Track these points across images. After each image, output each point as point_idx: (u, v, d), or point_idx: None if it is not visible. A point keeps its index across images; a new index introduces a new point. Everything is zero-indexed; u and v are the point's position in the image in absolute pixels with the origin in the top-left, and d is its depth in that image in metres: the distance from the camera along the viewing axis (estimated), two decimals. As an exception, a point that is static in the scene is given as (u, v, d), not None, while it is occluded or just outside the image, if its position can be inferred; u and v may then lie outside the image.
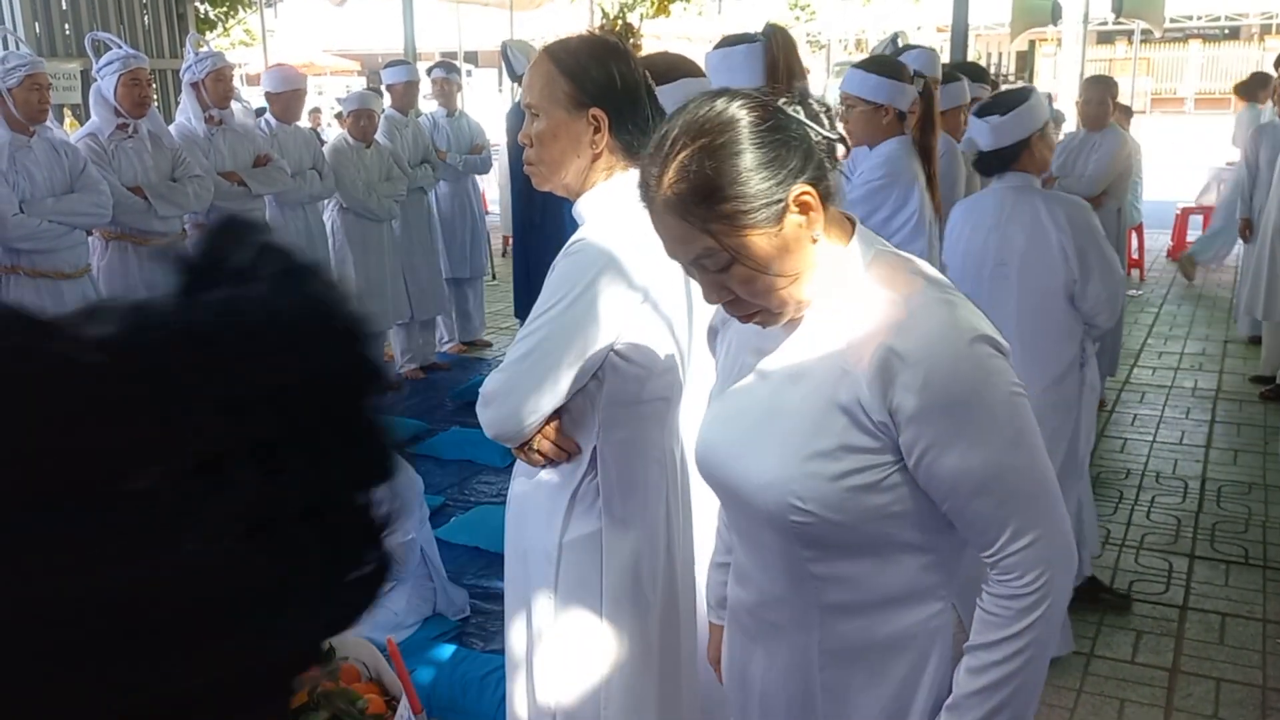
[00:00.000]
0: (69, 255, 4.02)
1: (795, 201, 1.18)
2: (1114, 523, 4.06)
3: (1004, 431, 1.19)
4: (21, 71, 3.83)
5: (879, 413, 1.18)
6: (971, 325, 1.19)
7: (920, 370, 1.15)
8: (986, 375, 1.18)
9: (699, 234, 1.18)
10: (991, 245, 2.99)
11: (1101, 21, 16.35)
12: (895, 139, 3.20)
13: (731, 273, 1.19)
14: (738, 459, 1.30)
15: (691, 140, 1.17)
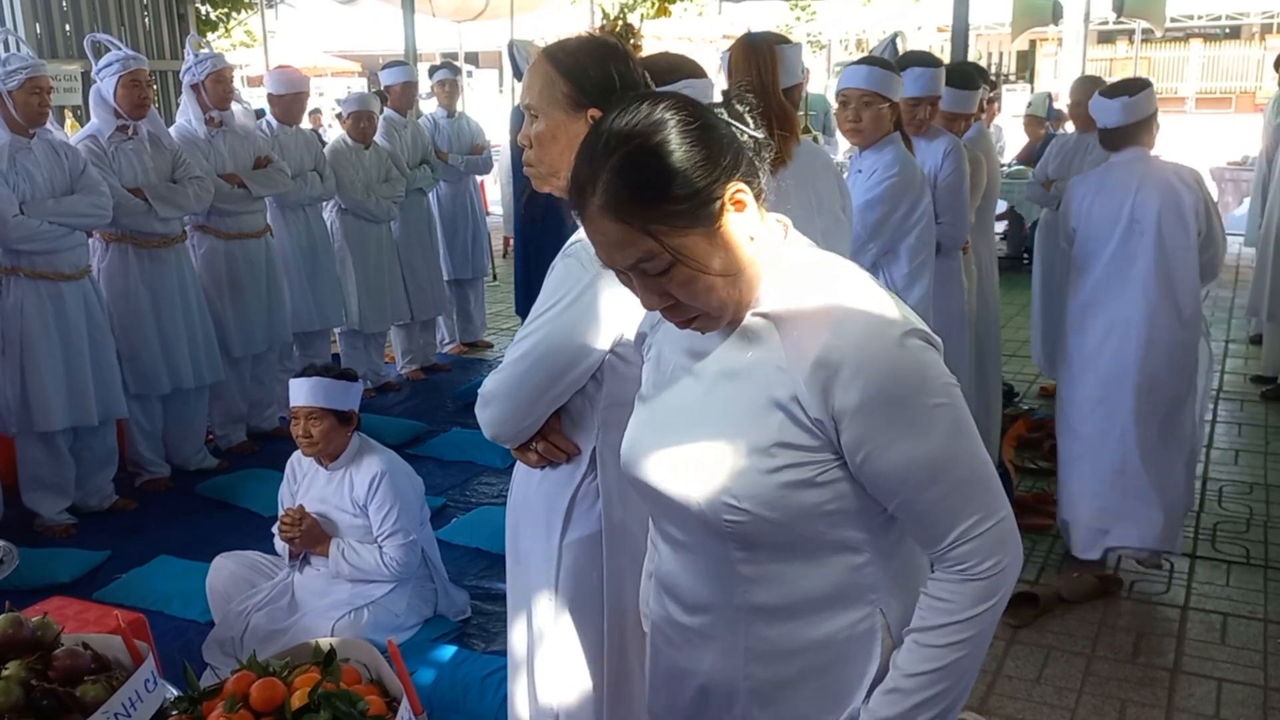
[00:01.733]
0: (69, 256, 4.02)
1: (731, 199, 1.19)
2: (1115, 523, 4.05)
3: (944, 422, 1.20)
4: (23, 74, 3.83)
5: (817, 410, 1.18)
6: (904, 320, 1.20)
7: (858, 367, 1.16)
8: (922, 368, 1.19)
9: (639, 236, 1.17)
10: (1126, 209, 3.35)
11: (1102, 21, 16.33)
12: (894, 136, 3.22)
13: (671, 275, 1.19)
14: (671, 461, 1.29)
15: (625, 142, 1.17)
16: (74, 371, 4.03)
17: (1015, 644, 3.20)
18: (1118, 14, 10.37)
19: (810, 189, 2.52)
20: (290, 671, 1.69)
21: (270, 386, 5.21)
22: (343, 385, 3.06)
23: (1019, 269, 8.89)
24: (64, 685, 1.61)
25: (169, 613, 3.40)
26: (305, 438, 3.02)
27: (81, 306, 4.06)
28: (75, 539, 4.03)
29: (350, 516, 3.08)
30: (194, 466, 4.71)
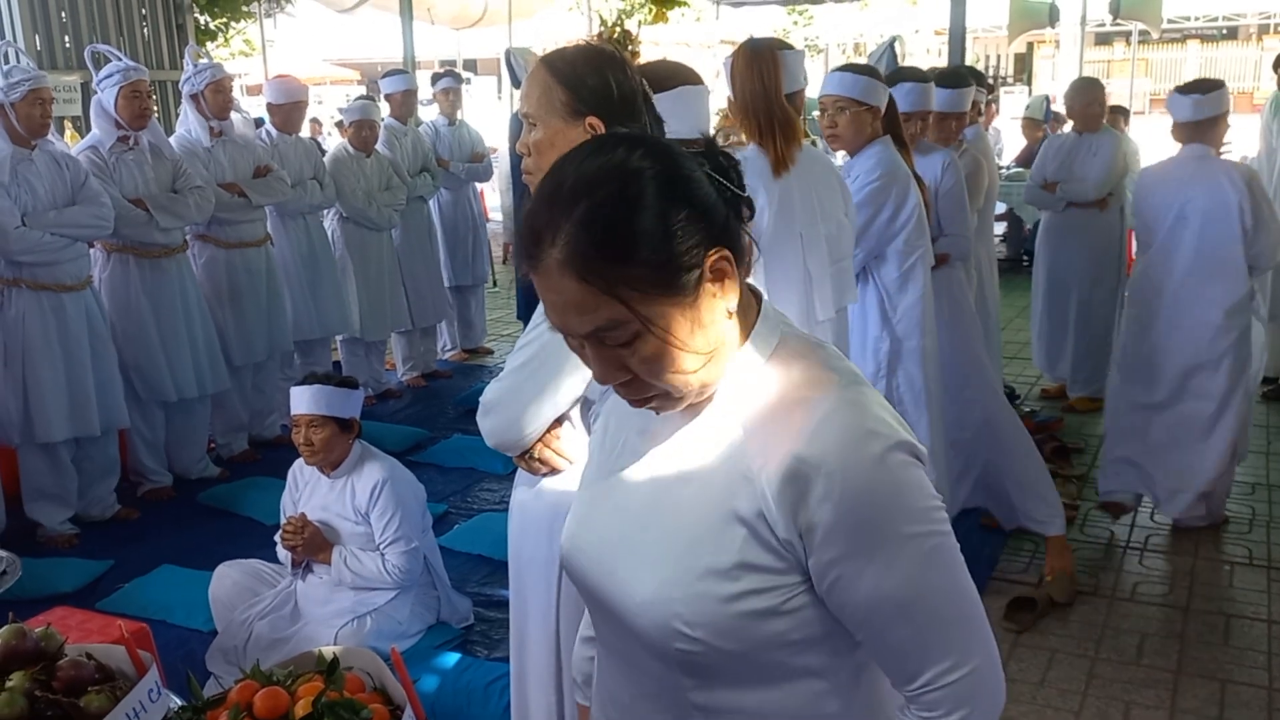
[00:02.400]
0: (71, 268, 4.02)
1: (711, 267, 1.03)
2: (1118, 525, 4.05)
3: (922, 553, 1.05)
4: (25, 85, 3.84)
5: (785, 529, 1.03)
6: (888, 430, 1.05)
7: (833, 484, 1.01)
8: (902, 488, 1.04)
9: (604, 300, 1.00)
10: (1175, 201, 3.70)
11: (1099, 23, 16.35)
12: (880, 140, 3.22)
13: (635, 347, 1.03)
14: (613, 566, 1.13)
15: (593, 189, 1.00)
16: (76, 382, 4.04)
17: (1019, 647, 3.20)
18: (1114, 16, 10.40)
19: (813, 194, 2.53)
20: (293, 680, 1.69)
21: (271, 395, 5.21)
22: (344, 393, 3.07)
23: (1018, 271, 8.90)
24: (68, 696, 1.62)
25: (172, 622, 3.40)
26: (307, 445, 3.03)
27: (83, 317, 4.07)
28: (78, 549, 4.04)
29: (352, 524, 3.08)
30: (196, 475, 4.71)
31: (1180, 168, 3.73)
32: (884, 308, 3.25)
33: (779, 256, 2.46)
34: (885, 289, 3.23)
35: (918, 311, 3.23)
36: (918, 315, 3.23)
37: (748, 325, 1.11)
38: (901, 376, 3.28)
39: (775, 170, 2.47)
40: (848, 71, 3.19)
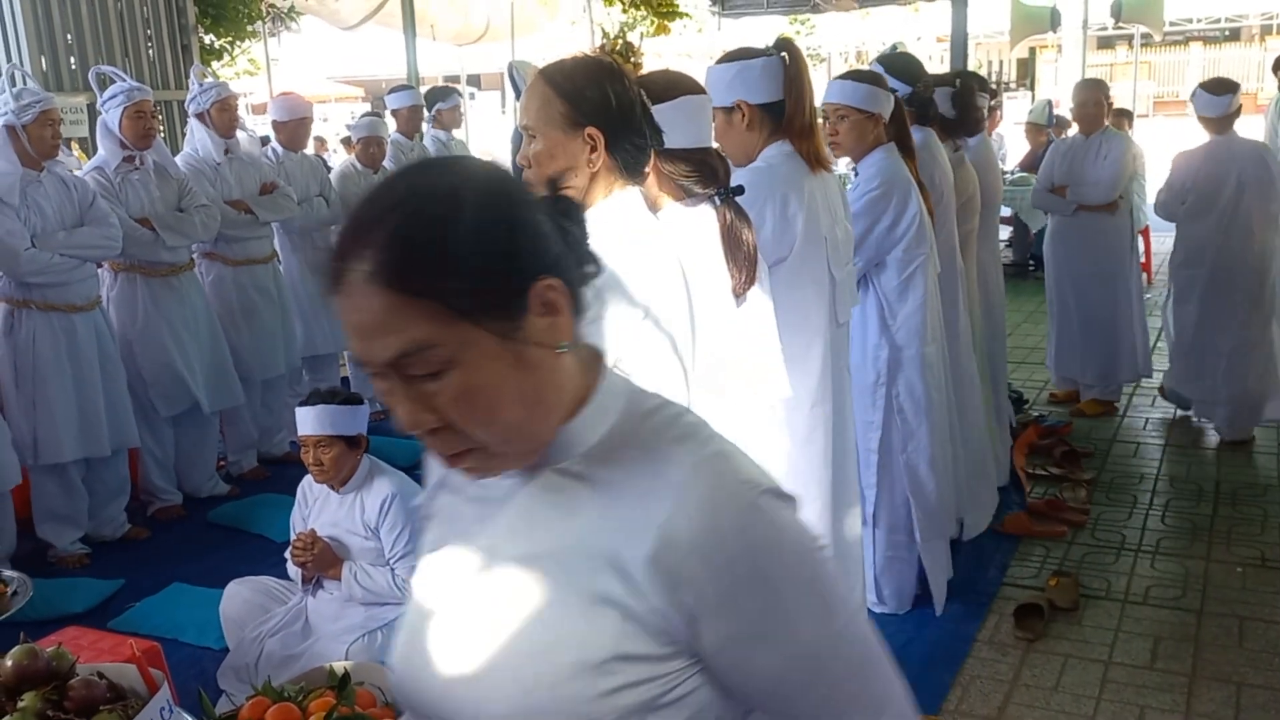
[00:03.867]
0: (80, 288, 4.05)
1: (538, 298, 0.91)
2: (1129, 528, 4.04)
3: (820, 600, 0.95)
4: (36, 108, 3.87)
5: (663, 609, 0.90)
6: (752, 479, 0.94)
7: (709, 550, 0.90)
8: (781, 536, 0.94)
9: (412, 318, 0.87)
10: (1232, 177, 4.78)
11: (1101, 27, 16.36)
12: (882, 148, 3.22)
13: (446, 382, 0.89)
14: (459, 682, 0.96)
15: (412, 199, 0.91)
16: (86, 402, 4.05)
17: (1032, 652, 3.18)
18: (1116, 19, 10.41)
19: (828, 199, 2.54)
20: (305, 696, 1.70)
21: (280, 412, 5.22)
22: (349, 410, 3.07)
23: (1024, 276, 8.89)
24: (80, 715, 1.62)
25: (183, 640, 3.41)
26: (317, 465, 3.03)
27: (93, 338, 4.09)
28: (89, 569, 4.05)
29: (362, 539, 3.09)
30: (206, 493, 4.72)
31: (1226, 149, 4.82)
32: (884, 315, 3.24)
33: (810, 259, 2.46)
34: (885, 297, 3.23)
35: (918, 319, 3.22)
36: (917, 323, 3.22)
37: (590, 381, 0.98)
38: (901, 385, 3.27)
39: (812, 168, 2.47)
40: (849, 79, 3.20)
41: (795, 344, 2.30)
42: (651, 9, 12.48)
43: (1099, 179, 5.15)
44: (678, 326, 1.71)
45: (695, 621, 0.91)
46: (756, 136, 2.50)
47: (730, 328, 2.05)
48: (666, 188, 2.04)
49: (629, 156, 1.71)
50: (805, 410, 2.49)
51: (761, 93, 2.46)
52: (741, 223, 2.03)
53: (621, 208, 1.72)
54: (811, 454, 2.53)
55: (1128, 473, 4.63)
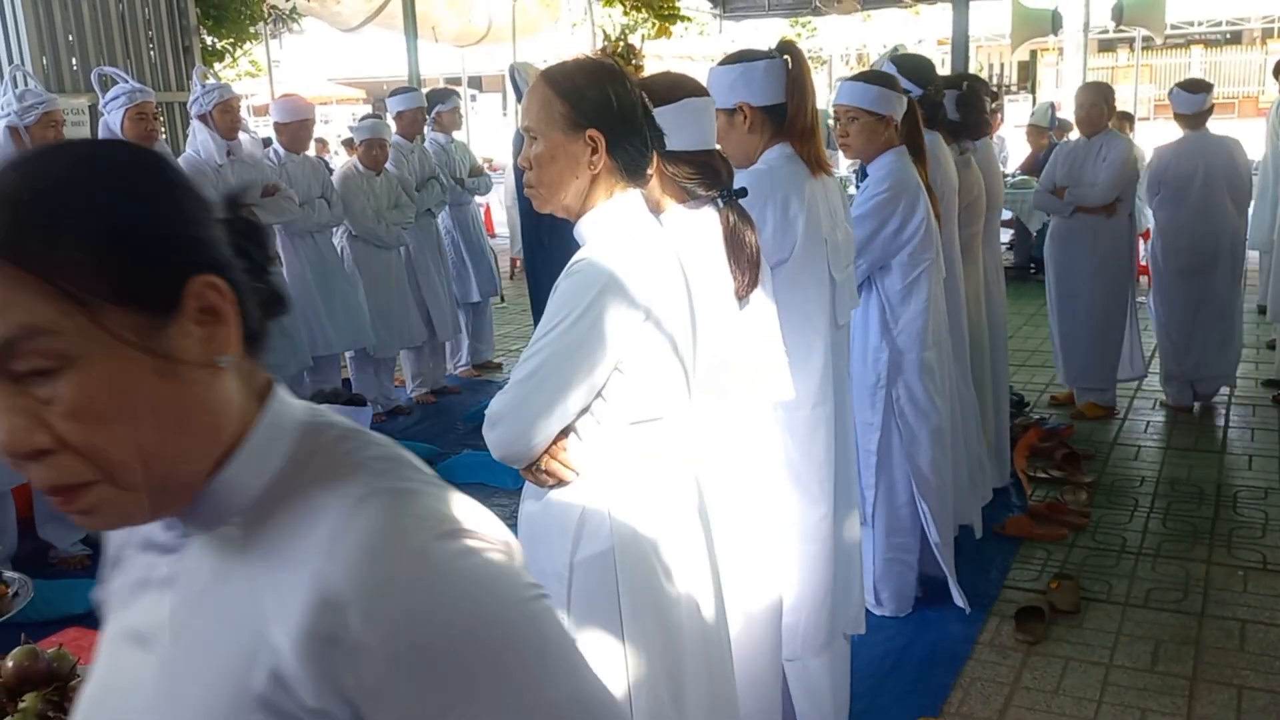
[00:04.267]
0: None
1: (196, 298, 0.74)
2: (1130, 530, 4.04)
3: (519, 665, 0.74)
4: (39, 110, 3.88)
5: (321, 700, 0.71)
6: (432, 517, 0.75)
7: (368, 609, 0.70)
8: (470, 588, 0.74)
9: (19, 297, 0.69)
10: (1200, 169, 5.27)
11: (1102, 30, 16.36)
12: (893, 150, 3.22)
13: (59, 387, 0.70)
14: None
15: (28, 163, 0.75)
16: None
17: (1033, 655, 3.18)
18: (1117, 23, 10.41)
19: (829, 200, 2.54)
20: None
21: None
22: (351, 410, 3.06)
23: (1025, 279, 8.89)
24: (81, 716, 1.62)
25: (184, 641, 3.40)
26: None
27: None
28: (90, 570, 4.04)
29: (363, 541, 3.08)
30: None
31: (1199, 144, 5.31)
32: (885, 318, 3.24)
33: (811, 261, 2.46)
34: (888, 299, 3.23)
35: (920, 324, 3.22)
36: (919, 328, 3.22)
37: (254, 413, 0.80)
38: (901, 389, 3.27)
39: (813, 171, 2.48)
40: (860, 81, 3.20)
41: (795, 345, 2.30)
42: (653, 11, 12.48)
43: (1094, 180, 5.16)
44: (679, 329, 1.72)
45: (364, 709, 0.71)
46: (757, 139, 2.50)
47: (733, 330, 2.05)
48: (669, 190, 2.04)
49: (630, 158, 1.71)
50: (806, 411, 2.49)
51: (764, 95, 2.46)
52: (744, 225, 2.04)
53: (622, 210, 1.72)
54: (813, 455, 2.53)
55: (1128, 475, 4.63)
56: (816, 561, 2.56)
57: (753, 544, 2.16)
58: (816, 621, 2.57)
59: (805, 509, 2.52)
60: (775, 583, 2.26)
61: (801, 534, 2.52)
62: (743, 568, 2.12)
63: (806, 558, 2.54)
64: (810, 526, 2.54)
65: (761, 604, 2.19)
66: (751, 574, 2.16)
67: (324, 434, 0.82)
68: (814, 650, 2.58)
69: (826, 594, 2.59)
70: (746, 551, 2.14)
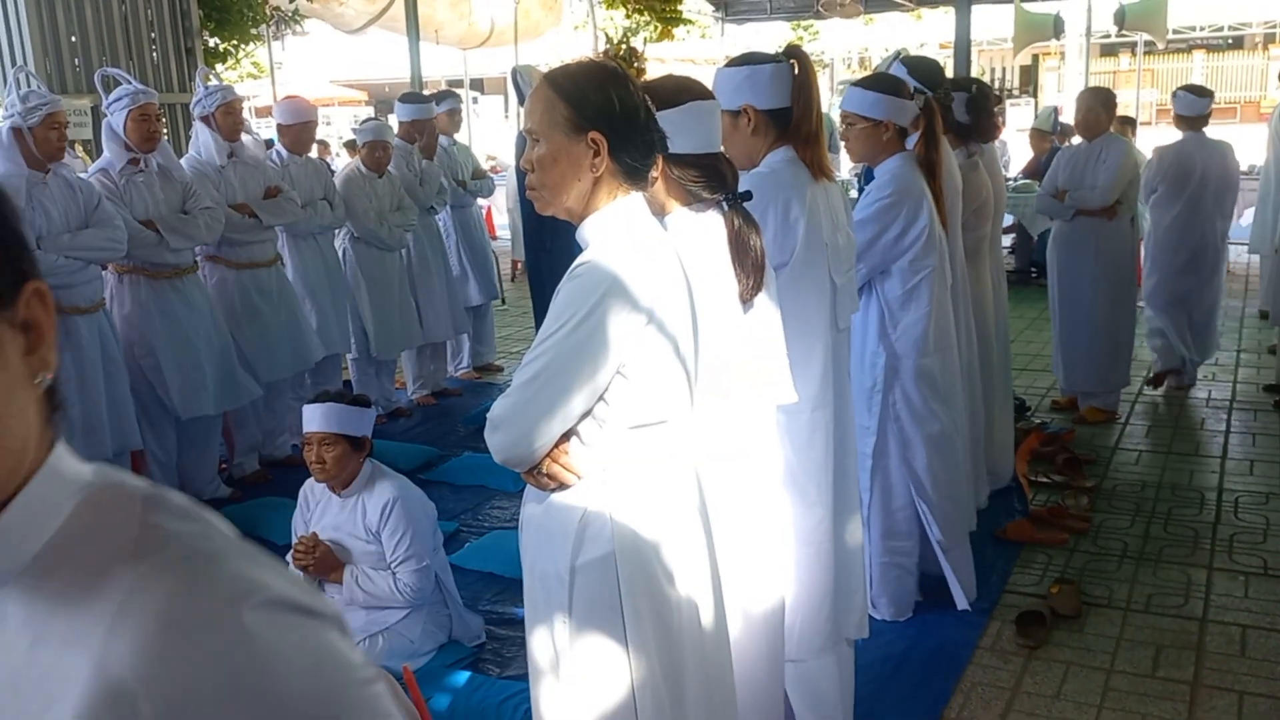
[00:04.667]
0: (85, 290, 4.05)
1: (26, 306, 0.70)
2: (1131, 535, 4.03)
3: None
4: (42, 110, 3.88)
5: None
6: (241, 585, 0.65)
7: (173, 703, 0.61)
8: (288, 668, 0.64)
9: None
10: (1198, 170, 5.56)
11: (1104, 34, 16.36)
12: (898, 156, 3.21)
13: None
14: None
15: None
16: (89, 404, 4.05)
17: (1034, 660, 3.18)
18: (1119, 27, 10.41)
19: (830, 204, 2.54)
20: (307, 699, 1.69)
21: (282, 415, 5.23)
22: (356, 411, 3.07)
23: (1026, 283, 8.89)
24: (82, 716, 1.62)
25: (185, 643, 3.40)
26: (319, 464, 3.03)
27: (96, 339, 4.09)
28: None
29: (363, 543, 3.09)
30: (208, 496, 4.72)
31: (1197, 146, 5.60)
32: (884, 323, 3.24)
33: (812, 265, 2.47)
34: (887, 304, 3.23)
35: (919, 330, 3.22)
36: (918, 334, 3.22)
37: (39, 458, 0.70)
38: (899, 394, 3.27)
39: (815, 175, 2.48)
40: (858, 86, 3.20)
41: (796, 349, 2.30)
42: (655, 14, 12.50)
43: (1094, 184, 5.17)
44: (681, 332, 1.72)
45: None
46: (760, 142, 2.50)
47: (736, 333, 2.05)
48: (674, 192, 2.04)
49: (633, 161, 1.71)
50: (805, 414, 2.49)
51: (769, 98, 2.46)
52: (749, 228, 2.04)
53: (625, 213, 1.72)
54: (812, 458, 2.53)
55: (1130, 480, 4.62)
56: (813, 564, 2.55)
57: (753, 546, 2.15)
58: (814, 624, 2.57)
59: (802, 512, 2.52)
60: (776, 585, 2.26)
61: (799, 537, 2.52)
62: (743, 569, 2.12)
63: (803, 560, 2.54)
64: (807, 529, 2.54)
65: (762, 606, 2.19)
66: (752, 576, 2.16)
67: (113, 493, 0.71)
68: (812, 652, 2.57)
69: (825, 596, 2.59)
70: (747, 553, 2.14)
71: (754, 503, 2.15)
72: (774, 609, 2.23)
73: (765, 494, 2.19)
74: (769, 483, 2.21)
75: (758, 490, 2.16)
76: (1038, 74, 24.04)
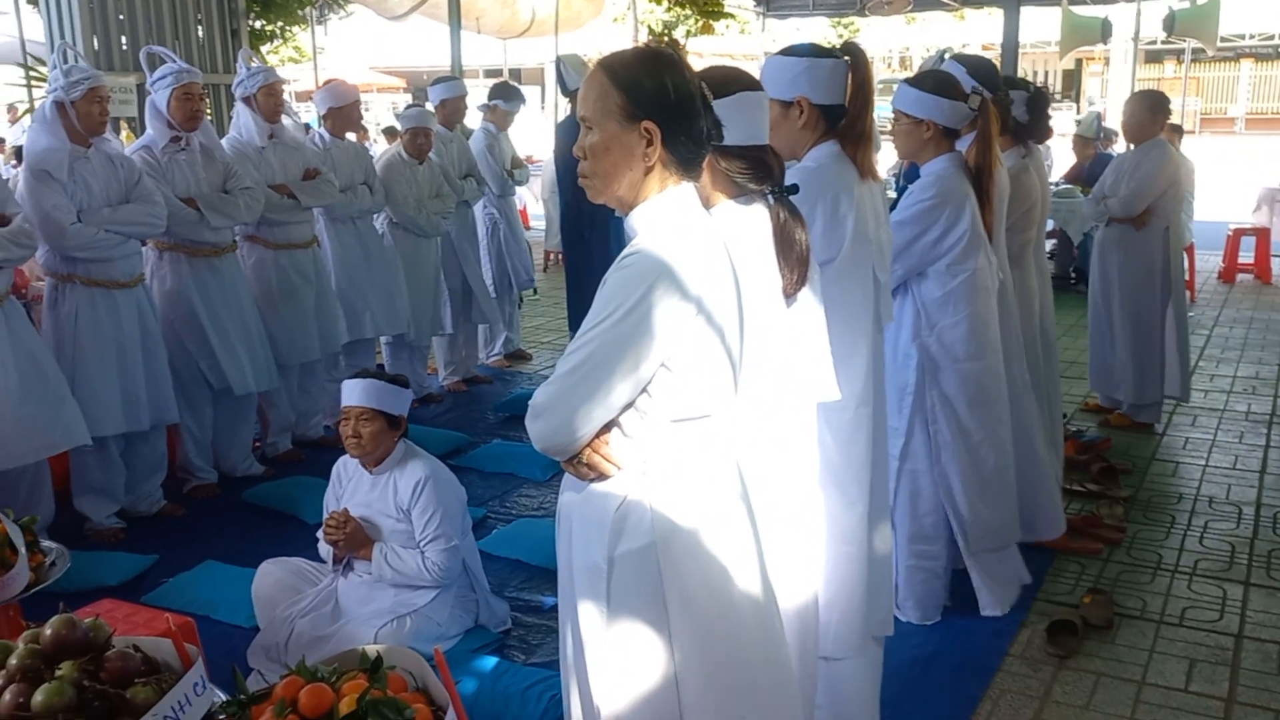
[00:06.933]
0: (124, 265, 4.08)
1: None
2: (1166, 548, 3.98)
3: None
4: (84, 85, 3.91)
5: None
6: None
7: None
8: None
9: None
10: None
11: (1150, 40, 16.14)
12: (944, 157, 3.17)
13: None
14: None
15: None
16: (127, 378, 4.09)
17: (1064, 669, 3.14)
18: (1168, 33, 10.26)
19: (870, 203, 2.52)
20: (338, 677, 1.69)
21: (316, 395, 5.26)
22: (395, 390, 3.11)
23: (1065, 288, 8.79)
24: (115, 687, 1.63)
25: (215, 618, 3.43)
26: (354, 438, 3.05)
27: (135, 314, 4.13)
28: (124, 543, 4.08)
29: (393, 521, 3.10)
30: (241, 473, 4.76)
31: None
32: (918, 324, 3.20)
33: (858, 262, 2.44)
34: (924, 306, 3.19)
35: (957, 334, 3.17)
36: (956, 338, 3.17)
37: None
38: (935, 398, 3.23)
39: (861, 175, 2.46)
40: (905, 84, 3.17)
41: (840, 345, 2.28)
42: (696, 8, 12.45)
43: (1119, 191, 5.13)
44: (727, 325, 1.70)
45: None
46: (808, 135, 2.48)
47: (779, 328, 2.03)
48: (720, 184, 2.02)
49: (685, 151, 1.69)
50: (850, 411, 2.46)
51: (825, 93, 2.44)
52: (795, 222, 2.01)
53: (675, 203, 1.70)
54: (853, 455, 2.50)
55: (1166, 492, 4.56)
56: (852, 562, 2.53)
57: (787, 541, 2.13)
58: (850, 622, 2.54)
59: (842, 509, 2.49)
60: (809, 581, 2.24)
61: (839, 534, 2.49)
62: (776, 565, 2.10)
63: (842, 558, 2.51)
64: (848, 527, 2.51)
65: (795, 602, 2.17)
66: (785, 572, 2.14)
67: None
68: (847, 650, 2.55)
69: (863, 594, 2.57)
70: (780, 549, 2.11)
71: (789, 498, 2.12)
72: (807, 605, 2.21)
73: (800, 490, 2.17)
74: (804, 479, 2.19)
75: (793, 486, 2.14)
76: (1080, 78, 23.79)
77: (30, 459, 3.75)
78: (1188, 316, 5.67)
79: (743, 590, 1.75)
